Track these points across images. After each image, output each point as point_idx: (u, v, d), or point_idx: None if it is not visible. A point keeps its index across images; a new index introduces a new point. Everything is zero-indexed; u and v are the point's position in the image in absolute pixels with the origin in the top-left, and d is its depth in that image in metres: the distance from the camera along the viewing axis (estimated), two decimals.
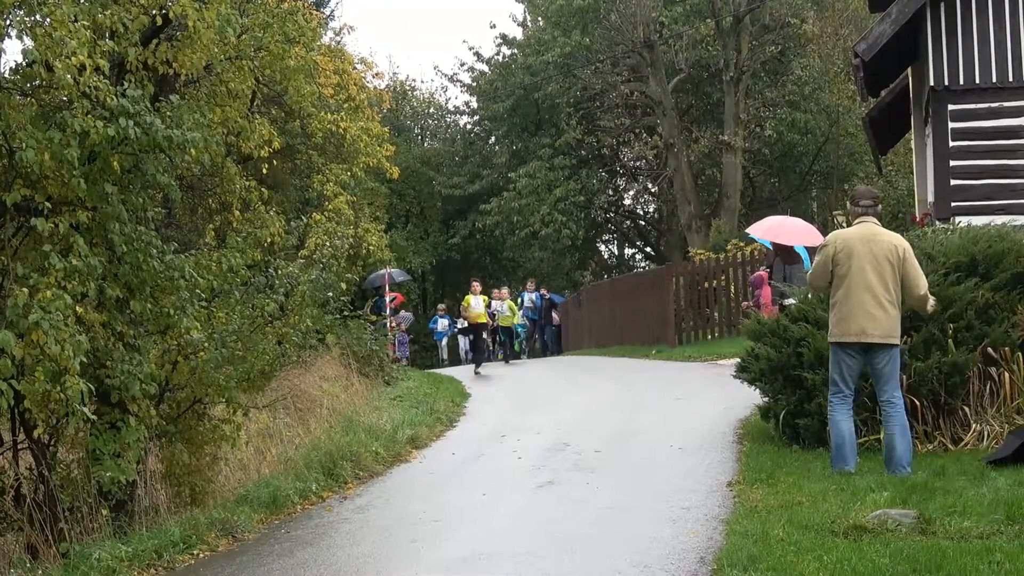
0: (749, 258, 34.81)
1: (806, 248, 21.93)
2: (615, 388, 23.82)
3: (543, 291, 46.00)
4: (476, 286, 34.45)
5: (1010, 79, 26.65)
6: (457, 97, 58.75)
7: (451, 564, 10.95)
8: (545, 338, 46.93)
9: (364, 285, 36.80)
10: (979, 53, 27.00)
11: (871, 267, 12.24)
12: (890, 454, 12.53)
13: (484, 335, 34.53)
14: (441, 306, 49.74)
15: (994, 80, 26.79)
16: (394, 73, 64.91)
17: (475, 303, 32.23)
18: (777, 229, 24.78)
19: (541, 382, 22.54)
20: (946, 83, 27.08)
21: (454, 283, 52.31)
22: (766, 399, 15.75)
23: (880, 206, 13.37)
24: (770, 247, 25.81)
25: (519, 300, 43.50)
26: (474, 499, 14.24)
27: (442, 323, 46.23)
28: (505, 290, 38.76)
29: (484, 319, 33.26)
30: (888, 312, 12.36)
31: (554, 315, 45.23)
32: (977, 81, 26.87)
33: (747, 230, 32.34)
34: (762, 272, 27.74)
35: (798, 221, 28.30)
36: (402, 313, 40.23)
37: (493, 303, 35.00)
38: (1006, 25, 26.81)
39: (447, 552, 11.47)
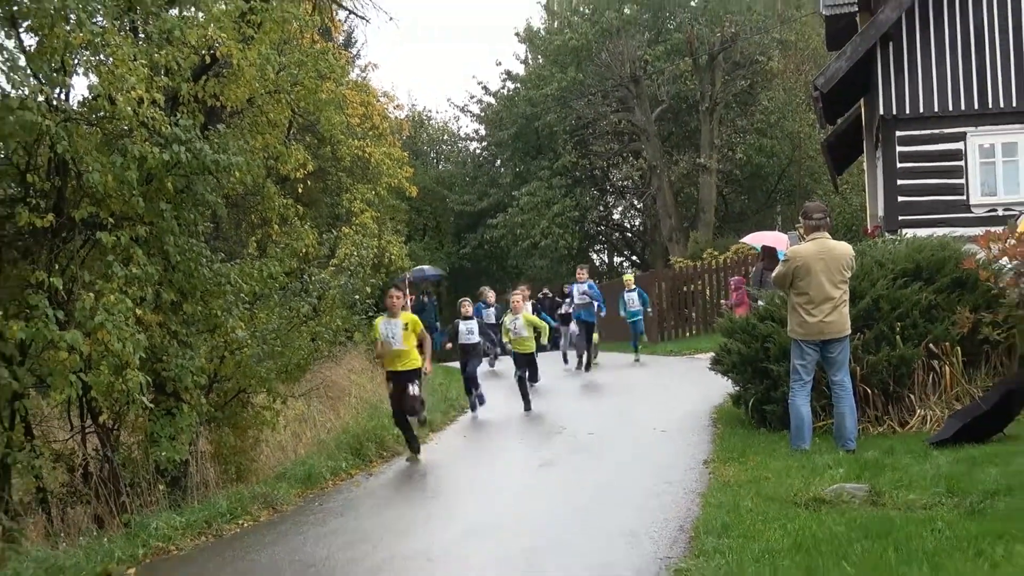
0: (722, 265, 34.91)
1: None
2: (605, 379, 23.81)
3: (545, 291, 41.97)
4: (489, 293, 27.75)
5: (949, 108, 26.71)
6: (467, 125, 58.68)
7: (464, 531, 10.97)
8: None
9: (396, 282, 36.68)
10: (923, 86, 27.00)
11: (827, 279, 12.55)
12: (840, 430, 12.80)
13: (475, 360, 21.38)
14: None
15: (935, 109, 26.84)
16: (412, 104, 65.13)
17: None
18: (764, 238, 25.38)
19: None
20: (894, 112, 27.10)
21: (464, 289, 52.20)
22: (737, 388, 15.83)
23: (830, 218, 13.48)
24: (759, 250, 26.44)
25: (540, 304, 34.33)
26: (483, 476, 14.29)
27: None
28: (517, 296, 22.22)
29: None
30: (842, 313, 12.72)
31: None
32: (921, 110, 26.91)
33: (743, 239, 32.57)
34: (738, 278, 28.05)
35: (776, 232, 28.92)
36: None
37: (506, 317, 21.86)
38: (946, 62, 26.85)
39: (460, 522, 11.49)
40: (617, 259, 60.14)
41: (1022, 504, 9.40)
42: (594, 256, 58.48)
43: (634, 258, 58.05)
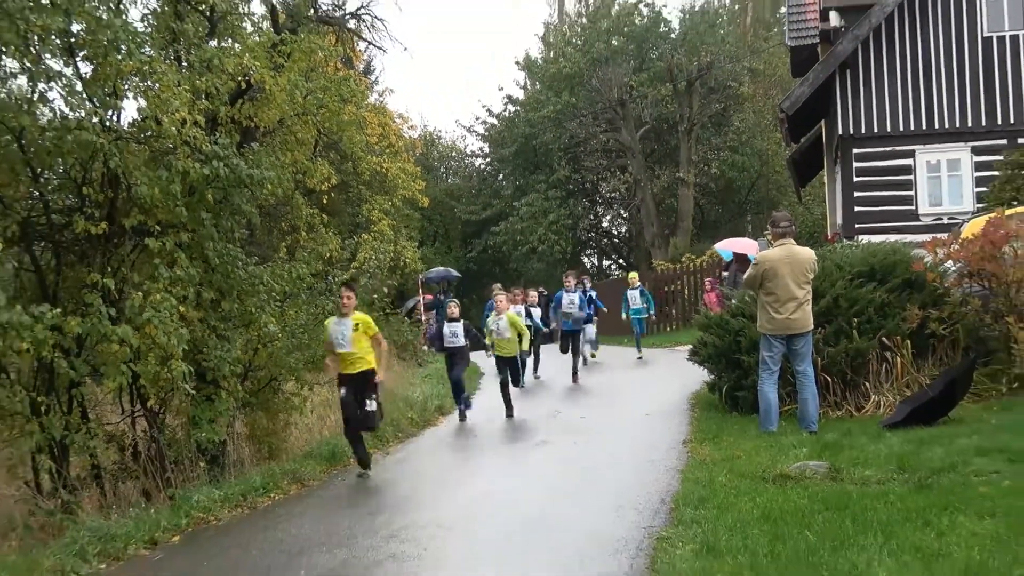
0: (699, 268, 34.92)
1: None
2: (595, 369, 23.79)
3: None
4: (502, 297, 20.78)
5: (900, 129, 26.78)
6: (473, 143, 58.80)
7: (470, 503, 10.99)
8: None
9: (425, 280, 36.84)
10: (876, 109, 27.06)
11: (792, 281, 12.61)
12: (803, 414, 12.81)
13: (462, 364, 18.67)
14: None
15: (888, 130, 26.91)
16: (424, 125, 64.97)
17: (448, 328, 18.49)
18: (736, 244, 25.53)
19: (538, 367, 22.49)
20: (851, 132, 27.16)
21: (471, 289, 52.10)
22: (712, 377, 15.87)
23: (794, 226, 13.60)
24: (730, 258, 26.59)
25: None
26: (487, 454, 14.29)
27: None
28: (501, 296, 19.36)
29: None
30: (805, 311, 12.73)
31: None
32: (875, 130, 26.98)
33: (715, 245, 32.59)
34: (711, 279, 28.12)
35: (747, 239, 29.14)
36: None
37: (489, 318, 19.05)
38: (897, 87, 26.91)
39: (467, 493, 11.51)
40: (606, 262, 60.15)
41: (965, 480, 9.41)
42: (585, 260, 58.42)
43: (620, 261, 58.01)
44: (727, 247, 29.34)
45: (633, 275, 28.79)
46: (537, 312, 24.39)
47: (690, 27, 53.27)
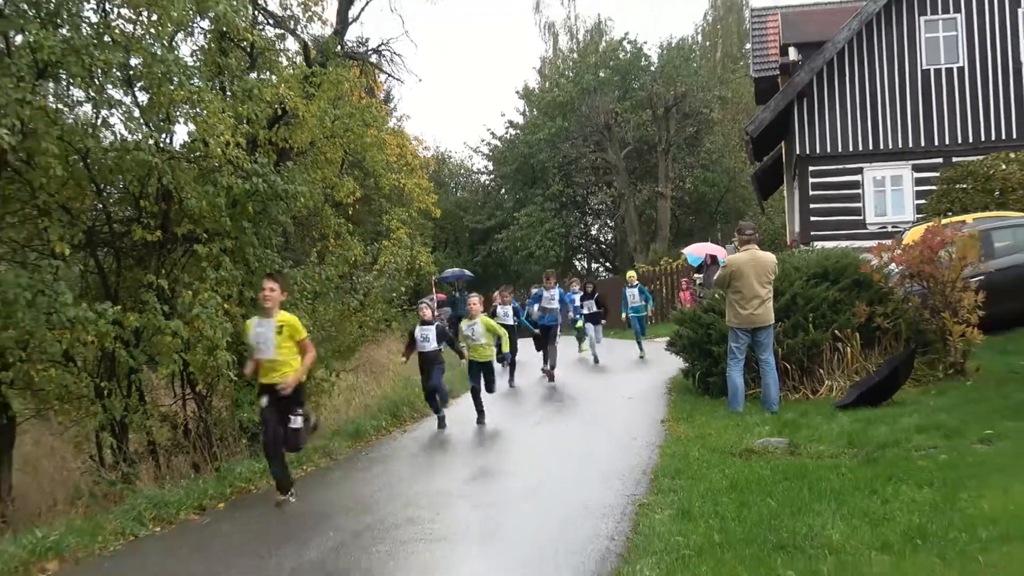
0: (675, 270, 34.91)
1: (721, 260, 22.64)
2: (585, 357, 23.77)
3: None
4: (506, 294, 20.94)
5: (850, 149, 26.87)
6: (479, 162, 58.86)
7: (478, 474, 11.00)
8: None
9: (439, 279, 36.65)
10: (829, 132, 27.12)
11: (756, 280, 12.67)
12: (765, 397, 12.91)
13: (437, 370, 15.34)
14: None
15: (839, 150, 26.99)
16: (437, 146, 65.20)
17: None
18: (704, 249, 25.63)
19: (533, 360, 22.39)
20: (807, 152, 27.21)
21: (477, 289, 51.96)
22: (687, 364, 15.83)
23: (758, 234, 13.74)
24: (697, 263, 26.69)
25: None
26: (491, 431, 14.26)
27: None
28: (474, 299, 16.36)
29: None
30: (767, 307, 12.80)
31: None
32: (828, 151, 27.05)
33: (685, 250, 32.64)
34: (686, 280, 28.10)
35: (711, 244, 29.11)
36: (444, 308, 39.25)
37: (463, 323, 16.09)
38: (847, 113, 26.98)
39: (475, 467, 11.51)
40: (595, 265, 60.03)
41: (906, 454, 9.42)
42: (576, 263, 58.37)
43: (608, 264, 58.00)
44: (695, 252, 29.54)
45: (631, 273, 25.75)
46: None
47: (667, 61, 53.37)
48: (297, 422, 10.09)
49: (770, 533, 6.93)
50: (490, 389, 15.78)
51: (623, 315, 24.06)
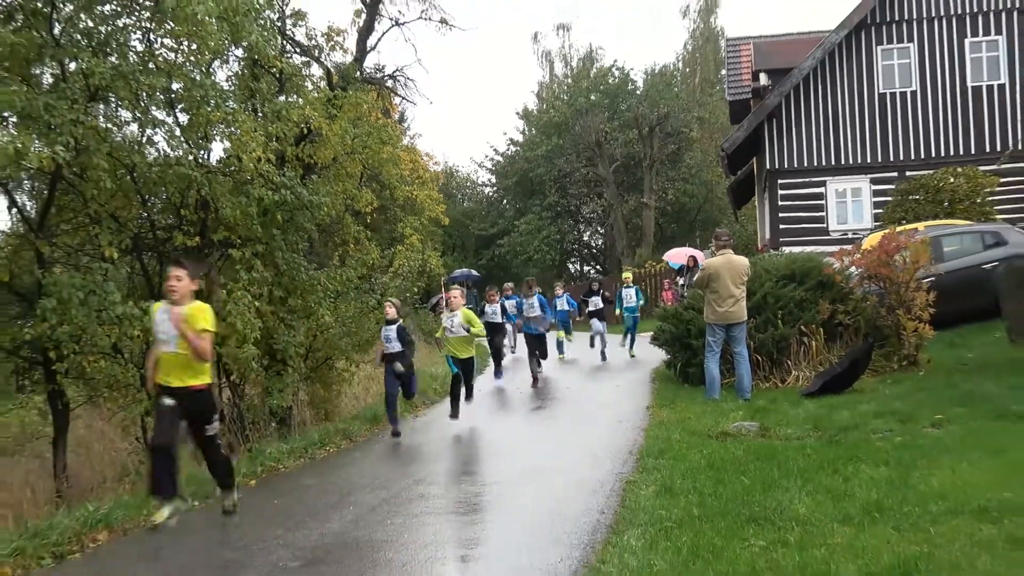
0: (659, 272, 34.89)
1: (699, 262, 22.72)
2: (576, 353, 23.77)
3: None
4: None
5: (815, 164, 26.88)
6: (483, 175, 58.71)
7: (484, 455, 11.02)
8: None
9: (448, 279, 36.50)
10: (796, 148, 27.14)
11: (731, 282, 12.69)
12: (739, 386, 12.90)
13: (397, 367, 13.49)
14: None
15: (805, 165, 27.01)
16: (445, 161, 65.06)
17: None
18: (685, 252, 25.66)
19: (523, 347, 22.35)
20: (776, 167, 27.20)
21: (481, 289, 52.07)
22: (669, 356, 15.83)
23: (733, 240, 13.81)
24: (677, 267, 26.68)
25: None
26: (494, 416, 14.29)
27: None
28: (456, 291, 14.28)
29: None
30: (741, 305, 12.80)
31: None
32: (795, 165, 27.06)
33: (665, 255, 32.67)
34: (668, 281, 28.07)
35: (689, 248, 29.09)
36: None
37: (443, 314, 14.56)
38: (812, 132, 27.00)
39: (481, 448, 11.53)
40: (587, 267, 60.02)
41: (865, 436, 9.43)
42: (571, 266, 58.42)
43: (598, 267, 57.97)
44: (676, 258, 29.57)
45: (628, 274, 24.07)
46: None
47: (651, 85, 53.46)
48: (211, 428, 7.90)
49: (743, 507, 6.94)
50: (468, 395, 14.05)
51: (616, 311, 22.75)
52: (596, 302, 21.48)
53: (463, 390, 13.92)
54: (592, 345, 21.68)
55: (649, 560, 5.87)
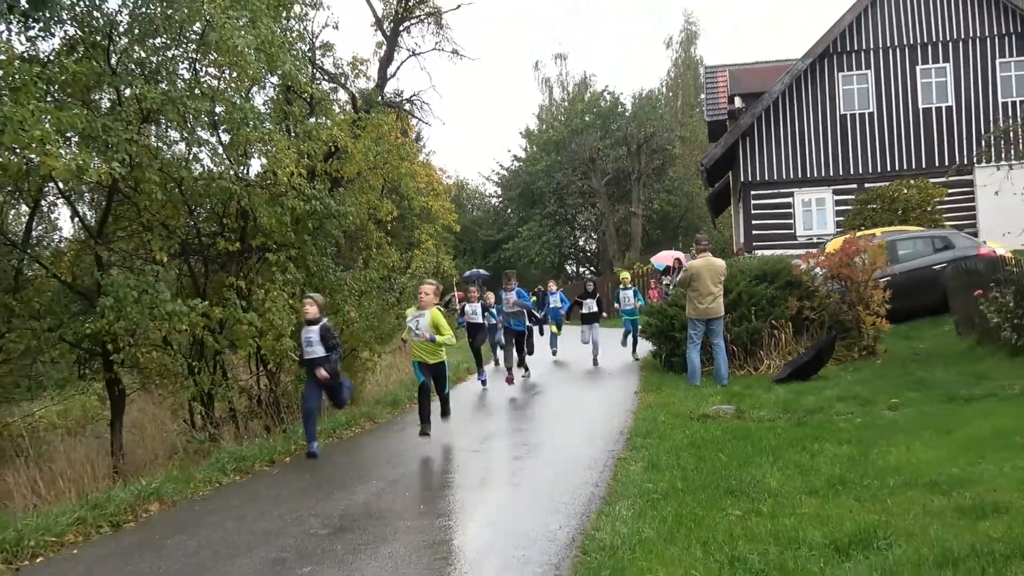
0: (646, 273, 34.79)
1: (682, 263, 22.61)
2: (575, 341, 23.71)
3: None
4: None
5: (783, 177, 26.91)
6: (490, 188, 58.53)
7: (490, 435, 10.97)
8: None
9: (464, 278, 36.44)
10: (767, 163, 27.16)
11: (710, 281, 12.67)
12: (717, 373, 12.83)
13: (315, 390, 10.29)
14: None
15: (775, 178, 27.05)
16: (457, 175, 65.37)
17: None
18: (670, 255, 25.61)
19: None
20: (750, 179, 27.22)
21: (489, 288, 51.95)
22: (655, 347, 15.78)
23: (712, 244, 13.78)
24: (662, 268, 26.62)
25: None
26: (503, 398, 14.23)
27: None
28: (428, 287, 10.81)
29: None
30: (719, 302, 12.76)
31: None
32: (766, 178, 27.09)
33: (652, 258, 32.64)
34: (655, 280, 28.02)
35: (674, 251, 29.06)
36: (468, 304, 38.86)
37: (408, 311, 11.08)
38: (781, 149, 27.05)
39: (487, 429, 11.48)
40: (582, 269, 59.90)
41: (829, 418, 9.41)
42: (568, 268, 58.32)
43: (592, 268, 57.90)
44: (661, 260, 29.61)
45: (625, 275, 20.69)
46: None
47: (639, 108, 53.44)
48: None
49: (721, 481, 6.91)
50: (443, 411, 11.21)
51: (616, 304, 20.18)
52: (590, 305, 18.44)
53: (438, 404, 11.07)
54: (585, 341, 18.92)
55: (638, 528, 5.84)
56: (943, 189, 23.11)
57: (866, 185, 25.64)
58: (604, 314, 17.94)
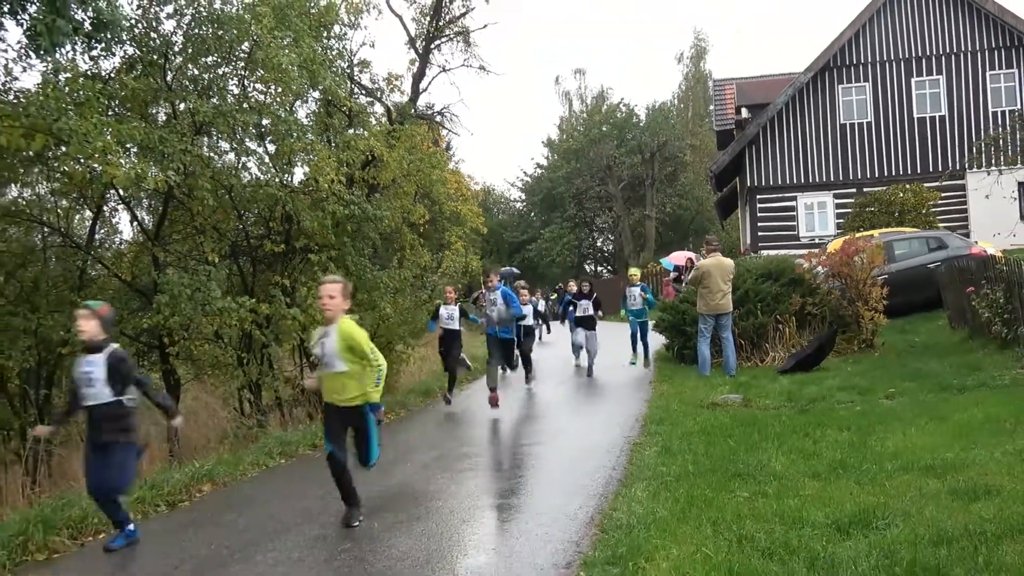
0: (656, 272, 34.67)
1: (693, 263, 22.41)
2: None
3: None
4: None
5: (788, 182, 26.71)
6: (514, 193, 58.54)
7: (516, 420, 10.97)
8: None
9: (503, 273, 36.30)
10: (772, 170, 26.98)
11: (720, 279, 12.56)
12: (726, 365, 12.72)
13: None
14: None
15: (779, 183, 26.83)
16: (484, 181, 65.51)
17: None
18: (680, 256, 25.43)
19: (552, 338, 22.12)
20: (756, 184, 27.04)
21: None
22: (668, 341, 15.70)
23: (720, 244, 13.72)
24: (672, 268, 26.41)
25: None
26: (520, 391, 14.17)
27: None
28: (332, 289, 6.36)
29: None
30: (728, 299, 12.66)
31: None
32: (771, 183, 26.88)
33: (664, 258, 32.49)
34: (667, 279, 27.87)
35: (685, 252, 28.91)
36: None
37: (315, 332, 6.61)
38: (785, 157, 26.85)
39: (510, 415, 11.47)
40: (600, 268, 59.79)
41: (831, 406, 9.34)
42: (587, 267, 58.18)
43: (610, 268, 57.75)
44: (674, 260, 29.50)
45: (635, 271, 16.96)
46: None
47: (652, 118, 53.22)
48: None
49: (730, 464, 6.87)
50: (366, 457, 6.63)
51: (621, 312, 16.71)
52: (585, 307, 15.66)
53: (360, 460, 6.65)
54: (577, 357, 16.62)
55: (652, 508, 5.82)
56: (937, 193, 22.96)
57: (864, 189, 25.44)
58: (600, 313, 15.62)
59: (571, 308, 16.05)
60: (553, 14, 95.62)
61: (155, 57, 11.68)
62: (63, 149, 9.79)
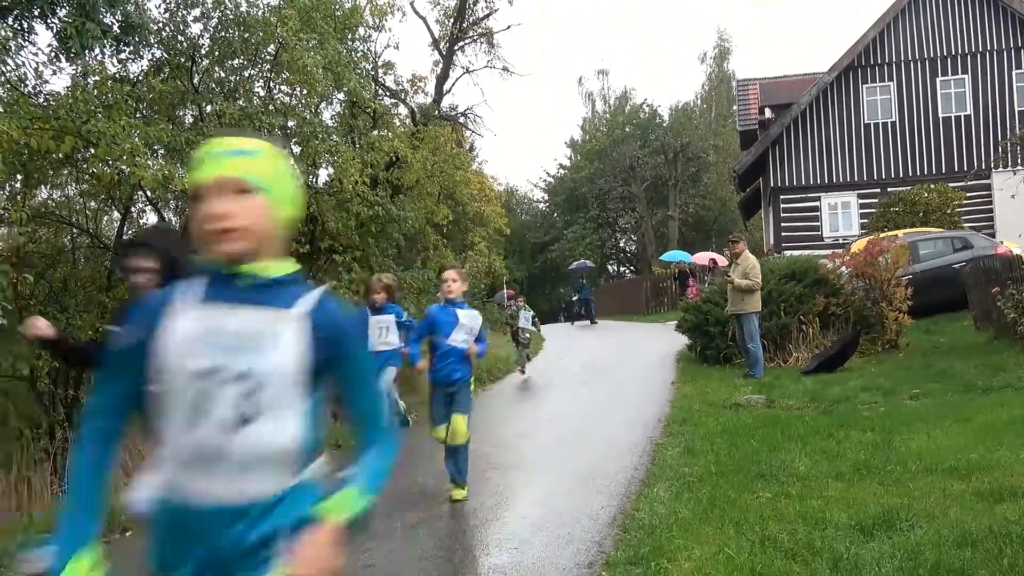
0: (679, 273, 34.54)
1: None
2: (617, 335, 23.62)
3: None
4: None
5: (811, 182, 26.56)
6: (537, 193, 58.59)
7: (541, 421, 10.96)
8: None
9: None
10: (795, 170, 26.84)
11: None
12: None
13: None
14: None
15: (803, 183, 26.69)
16: (507, 182, 65.63)
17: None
18: (704, 256, 25.29)
19: (574, 333, 22.12)
20: (779, 185, 26.90)
21: (536, 287, 51.81)
22: (690, 341, 15.65)
23: (744, 243, 13.52)
24: (688, 260, 26.20)
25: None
26: (545, 391, 14.18)
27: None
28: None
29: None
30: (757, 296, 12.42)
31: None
32: (794, 184, 26.75)
33: (692, 257, 32.48)
34: (692, 279, 27.77)
35: (711, 252, 28.82)
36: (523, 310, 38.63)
37: None
38: (809, 157, 26.71)
39: (538, 416, 11.46)
40: (623, 268, 59.60)
41: (854, 407, 9.29)
42: (610, 267, 58.06)
43: (632, 268, 57.61)
44: (698, 259, 29.43)
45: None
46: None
47: (675, 119, 53.14)
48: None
49: (753, 465, 6.84)
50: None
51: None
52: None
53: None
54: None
55: (675, 508, 5.81)
56: (962, 193, 22.72)
57: (889, 189, 25.24)
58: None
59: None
60: (577, 15, 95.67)
61: (182, 60, 11.78)
62: (92, 151, 9.88)
